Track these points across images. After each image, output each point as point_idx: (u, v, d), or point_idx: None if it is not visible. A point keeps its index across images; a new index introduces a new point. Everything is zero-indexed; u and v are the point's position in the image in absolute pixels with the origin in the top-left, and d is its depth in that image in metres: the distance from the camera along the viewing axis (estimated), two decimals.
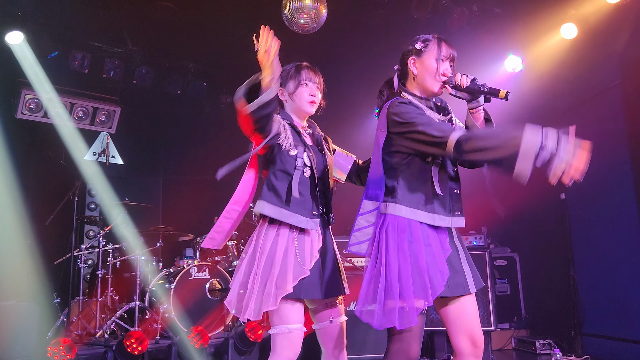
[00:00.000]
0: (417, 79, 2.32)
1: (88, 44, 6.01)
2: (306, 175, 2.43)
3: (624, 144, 4.78)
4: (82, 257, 5.50)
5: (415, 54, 2.33)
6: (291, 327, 2.28)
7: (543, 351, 5.34)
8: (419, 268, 2.07)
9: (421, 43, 2.32)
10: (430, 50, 2.30)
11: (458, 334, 2.19)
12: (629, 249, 4.75)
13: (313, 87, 2.56)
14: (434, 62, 2.28)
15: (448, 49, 2.32)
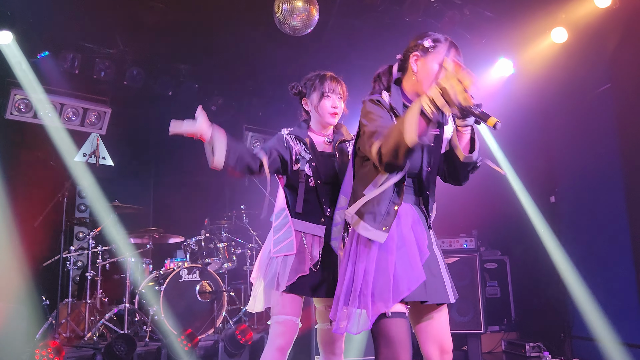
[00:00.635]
0: (414, 77, 2.16)
1: (79, 44, 5.98)
2: (311, 184, 2.59)
3: (613, 147, 4.81)
4: (72, 259, 5.46)
5: (420, 51, 2.15)
6: (283, 318, 2.47)
7: (533, 354, 5.36)
8: (385, 270, 2.00)
9: (431, 42, 2.14)
10: (437, 53, 2.13)
11: (428, 341, 2.18)
12: (619, 252, 4.77)
13: (335, 99, 2.67)
14: (437, 66, 2.12)
15: (456, 57, 2.16)
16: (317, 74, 2.70)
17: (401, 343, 1.99)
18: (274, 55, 6.05)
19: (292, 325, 2.47)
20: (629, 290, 4.61)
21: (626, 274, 4.67)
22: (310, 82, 2.69)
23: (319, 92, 2.64)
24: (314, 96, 2.66)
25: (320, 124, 2.70)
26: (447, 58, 2.11)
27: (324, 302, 2.60)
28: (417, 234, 2.13)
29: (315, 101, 2.65)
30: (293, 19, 4.25)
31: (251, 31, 5.72)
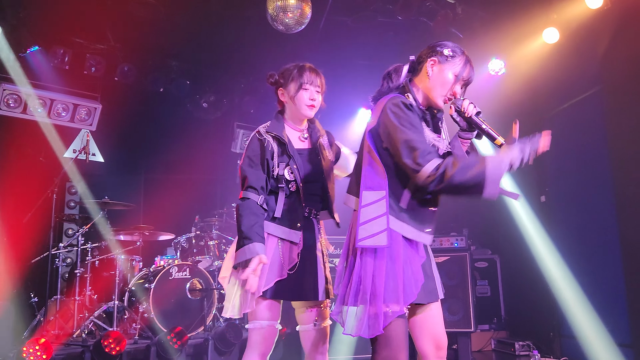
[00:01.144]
0: (428, 81, 2.21)
1: (69, 39, 5.93)
2: (292, 189, 2.50)
3: (603, 147, 4.84)
4: (61, 256, 5.42)
5: (439, 56, 2.21)
6: (263, 324, 2.41)
7: (522, 352, 5.39)
8: (394, 273, 2.03)
9: (451, 51, 2.21)
10: (454, 63, 2.20)
11: (423, 338, 2.22)
12: (608, 252, 4.80)
13: (313, 91, 2.57)
14: (452, 76, 2.19)
15: (470, 72, 2.23)
16: (296, 64, 2.61)
17: (400, 343, 2.03)
18: (266, 53, 6.03)
19: (272, 331, 2.43)
20: (618, 290, 4.64)
21: (615, 274, 4.70)
22: (288, 72, 2.58)
23: (297, 83, 2.54)
24: (292, 87, 2.55)
25: (296, 116, 2.61)
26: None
27: (305, 304, 2.53)
28: None
29: (292, 92, 2.55)
30: (286, 16, 4.24)
31: (243, 28, 5.70)
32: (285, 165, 2.49)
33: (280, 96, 2.63)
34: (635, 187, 4.46)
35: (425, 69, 2.22)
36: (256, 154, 2.49)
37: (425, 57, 2.24)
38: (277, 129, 2.56)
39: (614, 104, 4.75)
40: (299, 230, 2.48)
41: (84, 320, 5.05)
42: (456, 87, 2.21)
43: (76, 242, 5.36)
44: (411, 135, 2.04)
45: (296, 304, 2.57)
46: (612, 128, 4.76)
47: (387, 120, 2.10)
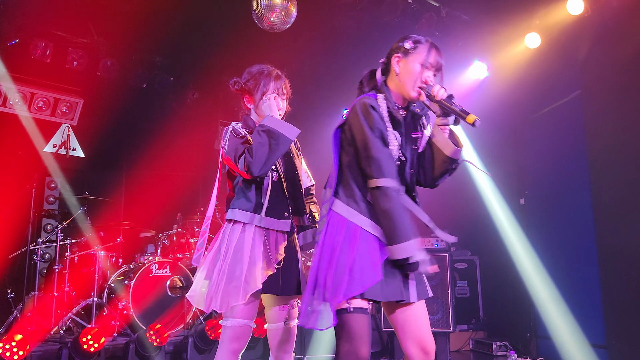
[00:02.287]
0: (397, 78, 2.23)
1: (51, 32, 5.85)
2: (274, 179, 2.51)
3: (582, 152, 4.92)
4: (39, 251, 5.36)
5: (402, 53, 2.22)
6: (240, 322, 2.39)
7: (499, 353, 5.46)
8: (343, 266, 2.03)
9: (411, 43, 2.22)
10: (417, 53, 2.20)
11: (407, 340, 2.19)
12: (584, 254, 4.89)
13: (280, 100, 2.59)
14: (418, 66, 2.19)
15: (437, 57, 2.21)
16: (261, 71, 2.62)
17: (361, 338, 2.02)
18: (251, 51, 6.01)
19: (247, 330, 2.42)
20: (593, 291, 4.73)
21: (591, 276, 4.78)
22: (253, 81, 2.60)
23: (265, 92, 2.56)
24: (258, 97, 2.57)
25: None
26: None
27: (278, 301, 2.54)
28: None
29: (258, 101, 2.57)
30: (271, 15, 4.23)
31: (228, 25, 5.68)
32: None
33: (246, 102, 2.64)
34: (612, 191, 4.54)
35: (392, 68, 2.24)
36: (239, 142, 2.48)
37: (391, 56, 2.26)
38: (250, 127, 2.56)
39: (593, 108, 4.84)
40: (287, 219, 2.51)
41: (62, 316, 5.01)
42: (426, 75, 2.20)
43: (55, 238, 5.30)
44: (373, 143, 2.10)
45: (268, 302, 2.56)
46: (591, 132, 4.84)
47: (355, 119, 2.16)
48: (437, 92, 2.14)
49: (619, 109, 4.51)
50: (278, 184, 2.52)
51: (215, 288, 2.37)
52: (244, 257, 2.39)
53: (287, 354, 2.56)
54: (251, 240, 2.43)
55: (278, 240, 2.49)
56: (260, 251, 2.42)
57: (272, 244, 2.46)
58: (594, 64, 4.82)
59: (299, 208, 2.62)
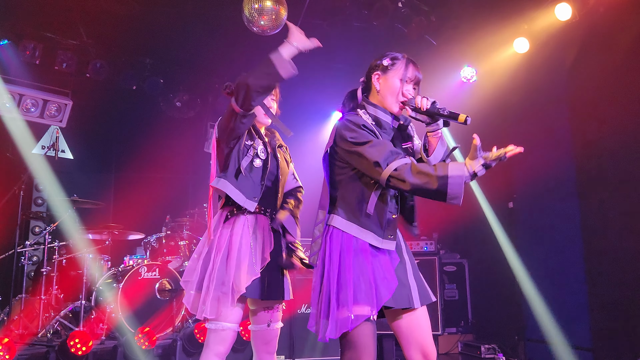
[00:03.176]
0: (379, 95, 2.30)
1: (40, 34, 5.83)
2: (255, 165, 2.55)
3: (569, 156, 4.97)
4: (27, 254, 5.31)
5: (381, 70, 2.30)
6: (225, 325, 2.40)
7: (488, 355, 5.48)
8: (365, 277, 2.08)
9: (389, 60, 2.30)
10: (396, 69, 2.27)
11: (410, 346, 2.23)
12: (572, 258, 4.93)
13: (268, 100, 2.65)
14: (398, 82, 2.26)
15: (414, 71, 2.29)
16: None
17: (365, 347, 2.05)
18: (240, 53, 6.03)
19: (233, 334, 2.44)
20: (580, 295, 4.77)
21: (578, 280, 4.82)
22: None
23: None
24: None
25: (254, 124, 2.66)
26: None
27: (263, 304, 2.57)
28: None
29: None
30: (261, 19, 4.23)
31: (218, 28, 5.68)
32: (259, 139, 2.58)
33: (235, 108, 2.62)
34: (598, 194, 4.59)
35: (373, 85, 2.32)
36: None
37: (370, 74, 2.33)
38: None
39: (580, 113, 4.89)
40: (254, 202, 2.52)
41: (50, 319, 4.97)
42: (406, 89, 2.27)
43: (43, 241, 5.26)
44: (363, 148, 2.12)
45: (253, 305, 2.59)
46: (578, 137, 4.89)
47: (340, 140, 2.19)
48: (421, 103, 2.20)
49: (607, 114, 4.57)
50: (260, 170, 2.56)
51: (205, 294, 2.40)
52: (230, 262, 2.42)
53: (270, 354, 2.60)
54: (239, 237, 2.47)
55: (265, 244, 2.51)
56: (246, 254, 2.45)
57: (257, 248, 2.49)
58: (582, 69, 4.87)
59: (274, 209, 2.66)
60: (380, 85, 2.29)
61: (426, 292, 2.29)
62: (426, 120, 2.24)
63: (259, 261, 2.47)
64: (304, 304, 4.85)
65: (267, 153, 2.59)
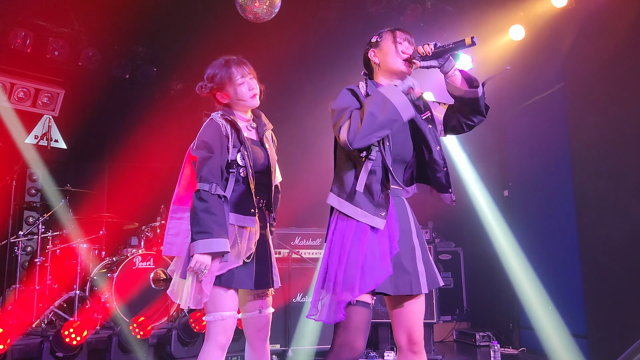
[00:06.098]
0: (381, 67, 2.32)
1: (31, 21, 5.74)
2: (242, 175, 2.51)
3: (565, 143, 4.96)
4: (20, 244, 5.28)
5: (373, 47, 2.35)
6: (224, 315, 2.40)
7: (482, 343, 5.51)
8: (356, 262, 2.07)
9: (376, 36, 2.35)
10: (386, 38, 2.32)
11: (397, 329, 2.27)
12: (566, 246, 4.94)
13: (248, 81, 2.60)
14: (392, 44, 2.29)
15: (402, 33, 2.32)
16: (220, 64, 2.62)
17: (358, 330, 2.06)
18: (235, 41, 5.97)
19: (232, 322, 2.43)
20: (575, 282, 4.78)
21: (573, 268, 4.83)
22: (216, 76, 2.60)
23: (231, 83, 2.57)
24: (228, 88, 2.58)
25: (242, 109, 2.65)
26: None
27: (253, 292, 2.57)
28: (394, 225, 2.18)
29: (231, 92, 2.59)
30: (254, 6, 4.19)
31: (212, 15, 5.62)
32: (237, 151, 2.50)
33: (220, 99, 2.64)
34: (594, 183, 4.58)
35: (372, 63, 2.36)
36: (214, 138, 2.48)
37: (367, 57, 2.38)
38: (230, 114, 2.59)
39: (576, 100, 4.87)
40: (253, 215, 2.50)
41: (44, 310, 4.95)
42: (402, 47, 2.28)
43: (37, 230, 5.24)
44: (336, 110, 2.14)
45: (242, 294, 2.59)
46: (574, 124, 4.88)
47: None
48: (424, 50, 2.20)
49: (602, 101, 4.55)
50: (245, 181, 2.52)
51: (190, 284, 2.40)
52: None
53: (263, 341, 2.60)
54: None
55: (250, 234, 2.50)
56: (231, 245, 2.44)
57: (242, 238, 2.47)
58: (578, 57, 4.85)
59: (270, 202, 2.65)
60: (379, 58, 2.32)
61: (434, 277, 2.28)
62: (437, 65, 2.22)
63: (243, 251, 2.45)
64: (299, 292, 4.84)
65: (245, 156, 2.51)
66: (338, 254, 2.10)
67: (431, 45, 2.19)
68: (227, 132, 2.51)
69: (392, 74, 2.30)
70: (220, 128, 2.51)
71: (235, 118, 2.57)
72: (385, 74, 2.32)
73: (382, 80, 2.33)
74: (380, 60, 2.32)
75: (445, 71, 2.24)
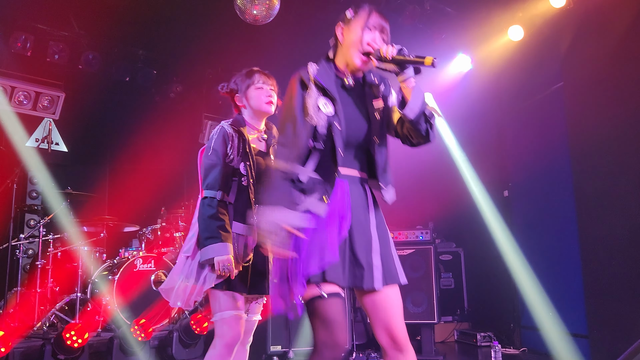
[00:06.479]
0: (342, 48, 2.18)
1: (31, 25, 5.77)
2: (244, 183, 2.58)
3: (564, 143, 4.96)
4: (21, 247, 5.30)
5: (344, 22, 2.19)
6: (229, 314, 2.47)
7: (483, 343, 5.51)
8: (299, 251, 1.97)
9: (352, 11, 2.18)
10: (359, 18, 2.15)
11: (376, 327, 2.10)
12: (567, 246, 4.94)
13: (268, 90, 2.70)
14: (360, 30, 2.12)
15: (378, 18, 2.15)
16: (247, 70, 2.75)
17: (338, 323, 1.94)
18: (234, 44, 5.99)
19: (237, 320, 2.49)
20: (575, 282, 4.78)
21: (573, 267, 4.83)
22: (240, 78, 2.74)
23: (250, 84, 2.70)
24: (247, 90, 2.71)
25: (256, 116, 2.73)
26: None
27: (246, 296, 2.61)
28: (344, 211, 2.06)
29: (248, 93, 2.70)
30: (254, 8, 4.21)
31: (212, 18, 5.64)
32: (240, 160, 2.59)
33: (237, 102, 2.76)
34: (593, 182, 4.59)
35: (338, 39, 2.21)
36: (222, 147, 2.59)
37: (335, 30, 2.23)
38: (240, 125, 2.69)
39: (575, 100, 4.87)
40: (252, 225, 2.56)
41: (45, 312, 4.96)
42: (370, 38, 2.13)
43: (38, 233, 5.25)
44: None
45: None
46: (573, 124, 4.88)
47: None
48: (386, 52, 2.07)
49: (601, 101, 4.55)
50: (245, 190, 2.58)
51: (184, 286, 2.49)
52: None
53: (244, 345, 2.65)
54: None
55: (248, 241, 2.57)
56: None
57: (240, 245, 2.55)
58: (577, 57, 4.85)
59: None
60: (345, 38, 2.17)
61: (393, 272, 2.10)
62: (394, 70, 2.10)
63: (240, 256, 2.53)
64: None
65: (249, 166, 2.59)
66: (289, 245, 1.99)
67: (395, 49, 2.06)
68: (234, 142, 2.60)
69: (347, 63, 2.17)
70: (229, 137, 2.61)
71: (244, 129, 2.66)
72: (342, 59, 2.19)
73: (339, 63, 2.19)
74: (344, 41, 2.17)
75: (401, 79, 2.11)
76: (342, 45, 2.18)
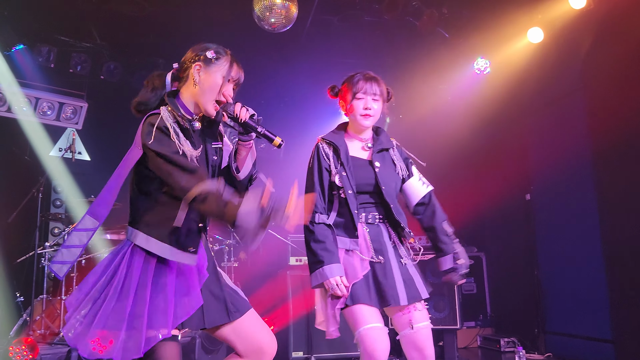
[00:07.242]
0: (197, 87, 2.09)
1: (54, 37, 5.89)
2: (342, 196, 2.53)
3: (586, 146, 4.90)
4: (47, 255, 5.39)
5: (203, 62, 2.09)
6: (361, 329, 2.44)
7: (507, 349, 5.45)
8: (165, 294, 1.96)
9: (214, 52, 2.11)
10: (220, 65, 2.10)
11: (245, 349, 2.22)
12: (590, 249, 4.87)
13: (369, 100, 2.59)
14: (220, 79, 2.09)
15: (238, 72, 2.15)
16: (357, 72, 2.66)
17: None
18: (252, 52, 6.03)
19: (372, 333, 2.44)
20: (599, 286, 4.71)
21: (597, 271, 4.76)
22: (345, 84, 2.67)
23: (350, 93, 2.60)
24: (347, 96, 2.62)
25: (355, 127, 2.66)
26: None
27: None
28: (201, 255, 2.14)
29: (349, 103, 2.61)
30: (272, 16, 4.24)
31: (230, 27, 5.69)
32: (336, 173, 2.53)
33: (341, 107, 2.69)
34: (616, 185, 4.53)
35: (191, 76, 2.10)
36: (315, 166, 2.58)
37: (190, 63, 2.12)
38: (335, 137, 2.63)
39: (596, 103, 4.82)
40: (356, 238, 2.52)
41: None
42: (226, 89, 2.12)
43: (62, 241, 5.33)
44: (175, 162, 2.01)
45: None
46: (594, 126, 4.82)
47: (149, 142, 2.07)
48: (239, 113, 2.10)
49: (623, 103, 4.49)
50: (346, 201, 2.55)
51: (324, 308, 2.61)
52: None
53: None
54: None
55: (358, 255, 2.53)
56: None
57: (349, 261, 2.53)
58: (597, 58, 4.80)
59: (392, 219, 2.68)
60: (201, 79, 2.08)
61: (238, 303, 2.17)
62: (240, 130, 2.16)
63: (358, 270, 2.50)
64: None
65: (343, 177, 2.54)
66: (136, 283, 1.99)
67: (248, 114, 2.11)
68: (327, 157, 2.56)
69: (199, 102, 2.10)
70: (321, 153, 2.58)
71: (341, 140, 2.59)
72: (193, 97, 2.11)
73: (187, 97, 2.12)
74: (200, 82, 2.08)
75: (242, 139, 2.19)
76: (197, 85, 2.09)
